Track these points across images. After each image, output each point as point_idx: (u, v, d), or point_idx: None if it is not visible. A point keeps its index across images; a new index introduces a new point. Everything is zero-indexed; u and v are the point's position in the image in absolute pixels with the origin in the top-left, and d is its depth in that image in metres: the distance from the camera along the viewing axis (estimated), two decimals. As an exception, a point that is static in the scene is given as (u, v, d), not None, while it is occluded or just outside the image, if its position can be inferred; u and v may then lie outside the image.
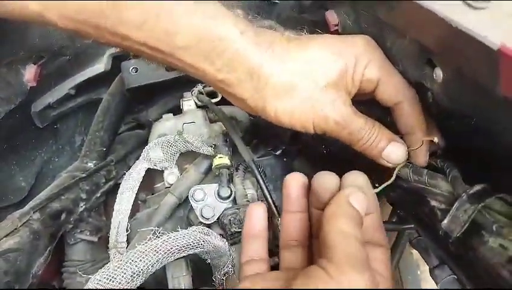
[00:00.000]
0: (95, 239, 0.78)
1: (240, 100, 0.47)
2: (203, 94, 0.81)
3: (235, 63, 0.44)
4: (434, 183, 0.47)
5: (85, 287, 0.50)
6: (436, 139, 0.50)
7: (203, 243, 0.53)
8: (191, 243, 0.52)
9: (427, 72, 0.43)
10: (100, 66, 0.82)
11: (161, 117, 0.84)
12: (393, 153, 0.48)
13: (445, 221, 0.43)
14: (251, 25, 0.45)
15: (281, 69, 0.45)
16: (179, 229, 0.56)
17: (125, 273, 0.48)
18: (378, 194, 0.49)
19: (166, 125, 0.80)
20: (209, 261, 0.59)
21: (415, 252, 0.93)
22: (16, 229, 0.62)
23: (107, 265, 0.50)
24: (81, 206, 0.75)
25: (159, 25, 0.41)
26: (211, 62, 0.44)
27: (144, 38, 0.42)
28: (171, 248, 0.51)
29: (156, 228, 0.58)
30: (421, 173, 0.49)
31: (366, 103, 0.53)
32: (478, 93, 0.37)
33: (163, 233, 0.53)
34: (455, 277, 0.58)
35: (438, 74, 0.41)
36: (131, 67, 0.82)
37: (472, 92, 0.39)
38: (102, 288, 0.48)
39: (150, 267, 0.50)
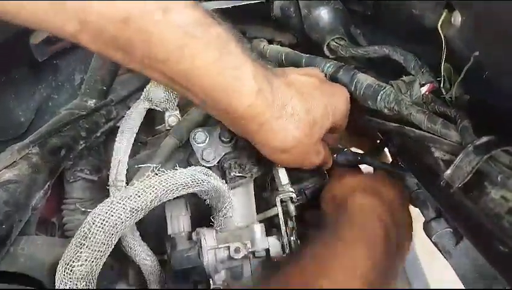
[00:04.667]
0: (95, 178, 0.78)
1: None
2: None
3: (248, 117, 0.49)
4: (446, 132, 0.47)
5: (85, 221, 0.50)
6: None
7: (202, 182, 0.53)
8: (190, 182, 0.52)
9: (444, 17, 0.42)
10: (101, -1, 0.78)
11: (163, 58, 0.81)
12: None
13: (449, 171, 0.43)
14: (267, 77, 0.49)
15: (288, 131, 0.51)
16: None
17: (124, 208, 0.49)
18: None
19: (168, 66, 0.78)
20: (208, 201, 0.59)
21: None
22: (14, 161, 0.62)
23: (107, 200, 0.50)
24: (81, 144, 0.75)
25: (179, 66, 0.44)
26: (226, 110, 0.49)
27: (164, 70, 0.45)
28: (170, 186, 0.51)
29: (155, 165, 0.57)
30: (435, 122, 0.48)
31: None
32: (496, 39, 0.36)
33: (162, 171, 0.53)
34: (451, 230, 0.58)
35: (456, 18, 0.41)
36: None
37: (489, 37, 0.37)
38: (103, 222, 0.49)
39: (148, 203, 0.50)
